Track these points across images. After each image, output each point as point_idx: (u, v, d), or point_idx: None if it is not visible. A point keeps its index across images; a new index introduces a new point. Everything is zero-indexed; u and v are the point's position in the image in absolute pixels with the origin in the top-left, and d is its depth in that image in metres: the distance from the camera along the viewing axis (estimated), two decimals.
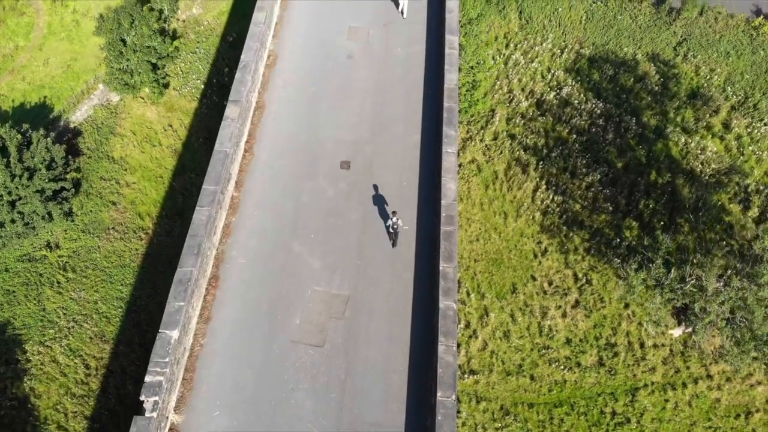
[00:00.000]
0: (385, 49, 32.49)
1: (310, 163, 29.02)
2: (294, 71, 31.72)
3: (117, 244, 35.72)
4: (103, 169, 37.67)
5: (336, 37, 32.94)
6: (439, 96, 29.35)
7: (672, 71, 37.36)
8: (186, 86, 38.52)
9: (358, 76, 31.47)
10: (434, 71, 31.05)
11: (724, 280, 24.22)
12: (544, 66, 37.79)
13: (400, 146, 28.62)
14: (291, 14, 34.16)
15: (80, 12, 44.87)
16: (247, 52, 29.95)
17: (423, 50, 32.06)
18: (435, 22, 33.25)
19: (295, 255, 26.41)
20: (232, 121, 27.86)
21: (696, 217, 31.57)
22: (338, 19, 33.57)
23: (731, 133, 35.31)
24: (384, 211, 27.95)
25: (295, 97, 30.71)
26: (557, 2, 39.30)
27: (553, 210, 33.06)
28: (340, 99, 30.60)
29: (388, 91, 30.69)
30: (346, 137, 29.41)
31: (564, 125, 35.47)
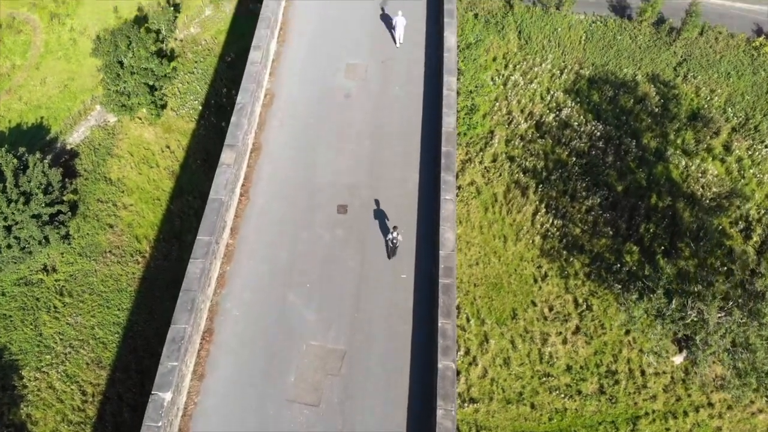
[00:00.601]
0: (383, 87, 31.80)
1: (306, 207, 28.26)
2: (291, 111, 31.15)
3: (114, 267, 35.76)
4: (100, 191, 37.75)
5: (334, 74, 32.33)
6: (437, 139, 28.79)
7: (672, 92, 37.41)
8: (184, 107, 38.59)
9: (355, 116, 30.88)
10: (432, 112, 30.39)
11: (726, 311, 24.23)
12: (543, 87, 37.85)
13: (397, 191, 27.89)
14: (288, 51, 33.45)
15: (77, 30, 44.99)
16: (243, 93, 29.47)
17: (421, 90, 31.42)
18: (433, 59, 32.43)
19: (290, 306, 25.64)
20: (228, 167, 27.15)
21: (697, 243, 31.56)
22: (336, 56, 33.01)
23: (732, 155, 35.33)
24: (385, 226, 27.81)
25: (292, 138, 30.21)
26: (556, 22, 39.39)
27: (552, 234, 33.09)
28: (337, 140, 30.07)
29: (386, 133, 30.16)
30: (343, 180, 28.79)
31: (564, 147, 35.52)
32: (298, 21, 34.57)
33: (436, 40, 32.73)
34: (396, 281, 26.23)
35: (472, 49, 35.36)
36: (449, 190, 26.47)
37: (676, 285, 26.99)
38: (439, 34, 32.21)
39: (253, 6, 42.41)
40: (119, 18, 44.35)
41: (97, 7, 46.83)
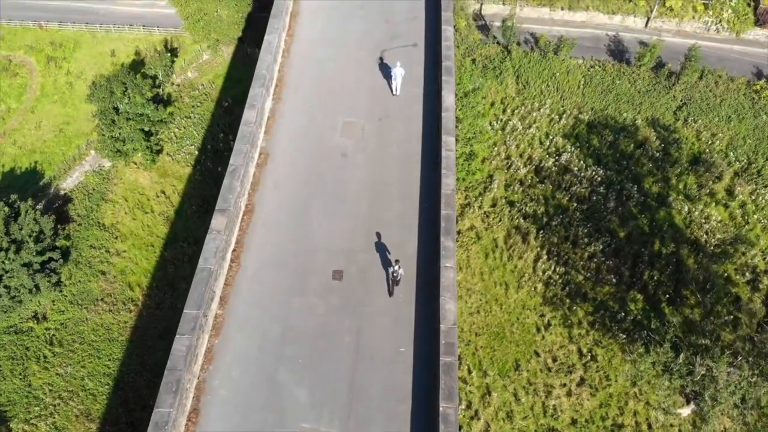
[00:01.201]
0: (380, 146, 30.60)
1: (300, 273, 26.56)
2: (286, 171, 29.95)
3: (105, 316, 35.27)
4: (93, 237, 37.46)
5: (330, 133, 31.09)
6: (436, 201, 27.64)
7: (672, 136, 37.51)
8: (180, 152, 38.58)
9: (352, 176, 29.66)
10: (431, 173, 29.23)
11: (735, 365, 23.79)
12: (542, 131, 37.95)
13: (396, 256, 26.14)
14: (284, 108, 32.27)
15: (74, 74, 45.30)
16: (236, 155, 28.28)
17: (419, 148, 30.23)
18: (432, 117, 31.20)
19: (280, 385, 23.92)
20: (218, 233, 25.70)
21: (702, 293, 31.20)
22: (332, 114, 31.80)
23: (735, 200, 35.26)
24: (386, 260, 26.95)
25: (286, 200, 28.94)
26: (554, 67, 39.68)
27: (555, 281, 32.73)
28: (333, 202, 28.76)
29: (384, 194, 28.87)
30: (339, 245, 27.37)
31: (564, 193, 35.41)
32: (294, 76, 33.60)
33: (434, 96, 31.77)
34: (394, 355, 24.57)
35: (470, 97, 35.52)
36: (449, 257, 25.07)
37: (684, 338, 26.58)
38: (437, 92, 31.43)
39: (251, 51, 42.86)
40: (115, 64, 44.88)
41: (94, 51, 47.30)
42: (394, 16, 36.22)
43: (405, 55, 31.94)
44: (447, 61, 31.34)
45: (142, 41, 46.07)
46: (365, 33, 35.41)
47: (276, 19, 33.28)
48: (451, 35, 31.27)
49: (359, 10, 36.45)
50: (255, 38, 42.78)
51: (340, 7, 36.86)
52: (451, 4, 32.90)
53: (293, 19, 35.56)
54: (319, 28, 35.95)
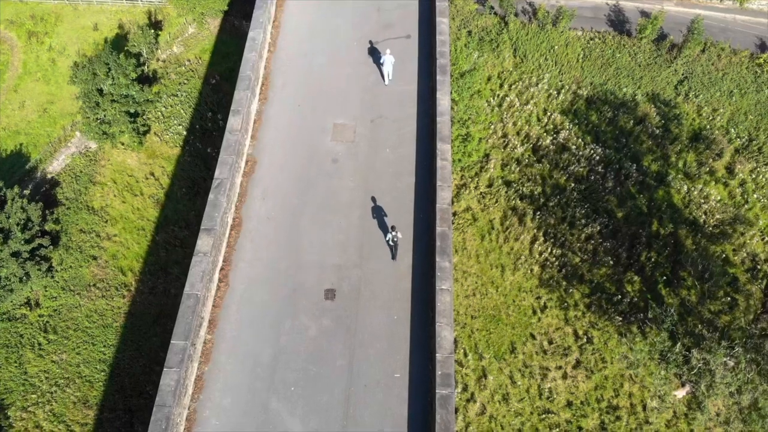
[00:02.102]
0: (373, 150, 29.96)
1: (290, 292, 26.29)
2: (274, 180, 29.29)
3: (98, 302, 35.56)
4: (83, 221, 37.50)
5: (320, 137, 30.40)
6: (431, 214, 27.02)
7: (673, 112, 37.36)
8: (168, 132, 38.33)
9: (344, 184, 29.05)
10: (425, 182, 28.56)
11: (733, 356, 24.16)
12: (539, 108, 37.76)
13: (390, 273, 26.01)
14: (271, 109, 31.31)
15: (56, 50, 44.60)
16: (221, 167, 27.40)
17: (413, 152, 29.54)
18: (426, 118, 30.48)
19: (273, 415, 23.77)
20: (204, 255, 24.87)
21: (699, 275, 31.47)
22: (322, 116, 30.99)
23: (735, 178, 35.43)
24: (384, 224, 27.53)
25: (275, 211, 28.30)
26: (553, 39, 39.28)
27: (551, 263, 33.04)
28: (324, 212, 28.25)
29: (377, 203, 28.34)
30: (330, 260, 26.90)
31: (562, 172, 35.47)
32: (282, 73, 32.73)
33: (429, 95, 30.96)
34: (389, 380, 24.77)
35: (466, 78, 35.11)
36: (446, 279, 24.64)
37: (681, 323, 26.92)
38: (432, 90, 30.60)
39: (238, 23, 42.14)
40: (98, 39, 44.02)
41: (76, 24, 46.49)
42: (386, 4, 35.11)
43: (398, 48, 30.96)
44: (442, 59, 30.23)
45: (125, 13, 45.20)
46: (356, 22, 34.37)
47: (260, 10, 32.14)
48: (446, 28, 30.48)
49: (349, 1, 35.45)
50: (242, 10, 42.12)
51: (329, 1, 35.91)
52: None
53: (279, 8, 34.34)
54: (307, 17, 34.82)
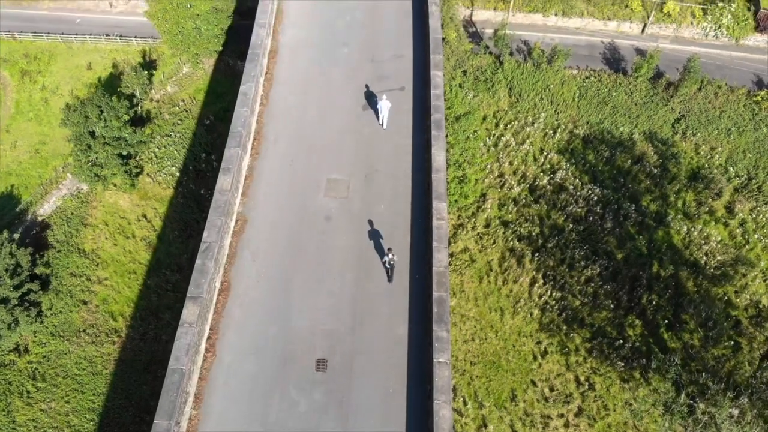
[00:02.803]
0: (367, 206, 28.76)
1: (280, 363, 24.91)
2: (265, 239, 27.99)
3: (88, 348, 34.90)
4: (74, 264, 36.98)
5: (313, 193, 29.18)
6: (428, 280, 25.63)
7: (671, 150, 37.28)
8: (161, 173, 38.01)
9: (337, 243, 27.71)
10: (421, 242, 27.27)
11: (738, 406, 23.65)
12: (536, 147, 37.62)
13: (384, 340, 24.81)
14: (263, 164, 30.16)
15: (49, 89, 44.49)
16: (210, 230, 26.12)
17: (409, 209, 28.36)
18: (421, 173, 29.39)
19: None
20: (190, 326, 23.63)
21: (703, 325, 31.03)
22: (315, 171, 29.87)
23: (735, 218, 35.20)
24: (380, 246, 27.11)
25: (265, 274, 26.97)
26: (548, 78, 39.32)
27: (551, 306, 32.59)
28: (316, 274, 26.84)
29: (372, 264, 26.94)
30: (322, 326, 25.58)
31: (559, 212, 35.20)
32: (274, 127, 31.58)
33: (424, 150, 29.92)
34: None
35: (462, 121, 34.97)
36: (443, 350, 23.39)
37: (683, 367, 26.43)
38: (427, 143, 29.64)
39: (233, 62, 42.13)
40: (92, 78, 43.94)
41: (70, 63, 46.48)
42: (380, 54, 34.37)
43: (393, 100, 30.15)
44: (436, 114, 29.62)
45: (119, 52, 45.26)
46: (349, 73, 33.57)
47: (252, 64, 31.34)
48: (440, 82, 29.97)
49: (343, 48, 34.66)
50: (236, 50, 42.12)
51: (323, 44, 35.06)
52: (440, 46, 31.62)
53: (271, 60, 33.73)
54: (300, 69, 33.99)
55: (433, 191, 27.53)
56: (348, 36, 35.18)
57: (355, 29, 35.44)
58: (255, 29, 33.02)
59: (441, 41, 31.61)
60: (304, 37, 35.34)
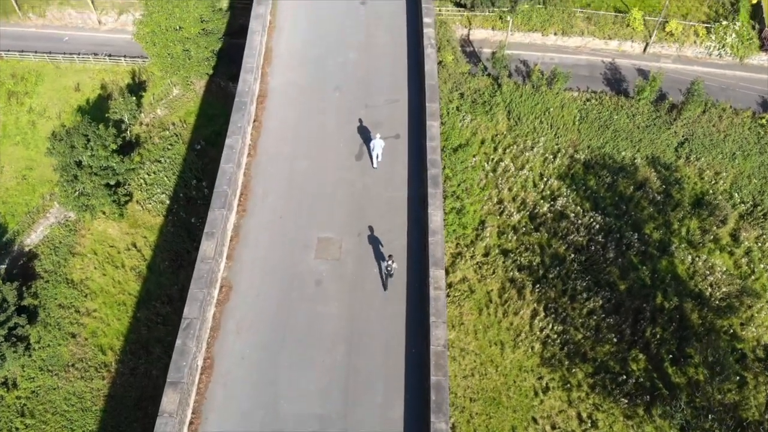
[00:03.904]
0: (360, 269, 26.80)
1: None
2: (251, 309, 26.06)
3: (77, 383, 34.22)
4: (62, 295, 36.30)
5: (302, 253, 27.23)
6: (425, 358, 23.97)
7: (674, 176, 36.68)
8: (150, 200, 37.30)
9: (327, 311, 25.85)
10: (417, 315, 25.30)
11: None
12: (535, 173, 36.98)
13: (378, 426, 23.16)
14: (250, 223, 28.32)
15: (37, 111, 43.71)
16: (191, 305, 24.27)
17: (404, 272, 26.32)
18: (417, 232, 27.32)
19: None
20: (170, 416, 22.05)
21: (705, 353, 30.43)
22: (305, 228, 27.97)
23: (740, 246, 34.65)
24: (380, 253, 26.39)
25: (250, 349, 25.05)
26: (548, 101, 38.66)
27: (553, 340, 31.98)
28: (305, 347, 25.00)
29: (364, 336, 25.15)
30: (311, 409, 23.72)
31: (560, 241, 34.58)
32: (262, 181, 29.61)
33: (420, 204, 27.92)
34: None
35: (459, 153, 34.28)
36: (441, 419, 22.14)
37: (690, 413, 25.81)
38: (423, 197, 27.76)
39: (225, 83, 41.38)
40: (80, 100, 43.20)
41: (57, 84, 45.67)
42: (374, 99, 32.33)
43: (387, 148, 28.70)
44: (433, 168, 27.82)
45: (108, 73, 44.49)
46: (342, 120, 31.62)
47: (239, 113, 29.82)
48: (436, 133, 28.42)
49: (335, 91, 32.66)
50: (227, 72, 41.36)
51: (314, 87, 33.02)
52: (436, 93, 30.22)
53: (260, 105, 31.95)
54: (290, 115, 32.02)
55: (430, 256, 25.70)
56: (340, 78, 33.32)
57: (347, 71, 33.68)
58: (242, 75, 31.39)
59: (437, 88, 30.25)
60: (295, 79, 33.48)
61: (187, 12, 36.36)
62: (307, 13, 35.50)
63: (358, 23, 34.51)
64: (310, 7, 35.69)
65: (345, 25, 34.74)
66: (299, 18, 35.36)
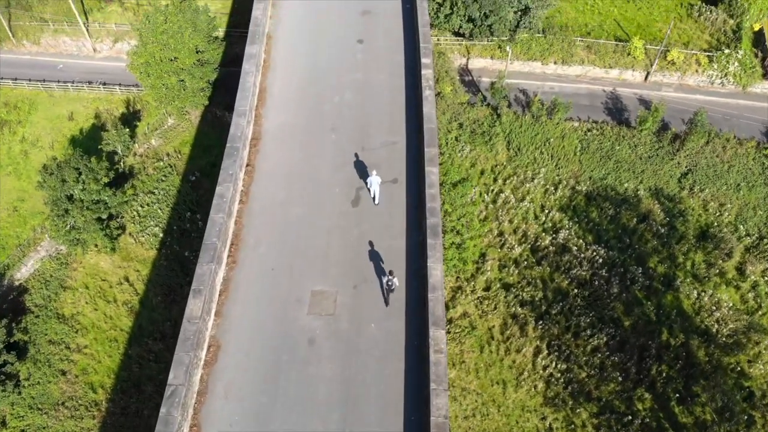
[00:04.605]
0: (355, 325, 25.12)
1: None
2: (240, 371, 24.42)
3: (67, 423, 33.38)
4: (52, 331, 35.58)
5: (295, 309, 25.57)
6: (425, 428, 22.36)
7: (678, 207, 36.13)
8: (143, 233, 36.64)
9: (321, 373, 24.15)
10: (416, 380, 23.72)
11: None
12: (536, 204, 36.42)
13: None
14: (240, 276, 26.68)
15: (29, 141, 43.26)
16: (176, 368, 22.75)
17: (402, 328, 24.73)
18: (416, 285, 25.67)
19: None
20: None
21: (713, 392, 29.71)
22: (298, 281, 26.32)
23: (747, 280, 34.00)
24: (381, 270, 25.60)
25: (239, 416, 23.36)
26: (548, 131, 38.25)
27: (556, 379, 31.19)
28: (297, 415, 23.33)
29: (360, 401, 23.57)
30: None
31: (563, 276, 33.89)
32: (254, 229, 28.12)
33: (419, 255, 26.32)
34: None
35: (458, 188, 33.74)
36: None
37: None
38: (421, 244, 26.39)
39: (221, 113, 40.91)
40: (74, 129, 42.76)
41: (51, 113, 45.27)
42: (371, 141, 30.94)
43: (385, 194, 27.75)
44: (432, 218, 26.21)
45: (102, 101, 44.14)
46: (338, 164, 30.23)
47: (231, 159, 28.46)
48: (435, 180, 27.09)
49: (331, 133, 31.26)
50: (224, 101, 40.88)
51: (309, 129, 31.61)
52: (435, 138, 28.92)
53: (253, 148, 30.81)
54: (284, 158, 30.72)
55: (430, 314, 23.98)
56: (336, 120, 31.99)
57: (344, 112, 32.34)
58: (234, 118, 30.15)
59: (436, 132, 29.12)
60: (290, 121, 32.16)
61: (182, 43, 35.87)
62: (303, 51, 34.51)
63: (355, 61, 33.59)
64: (306, 45, 34.78)
65: (341, 63, 33.69)
66: (294, 56, 34.35)
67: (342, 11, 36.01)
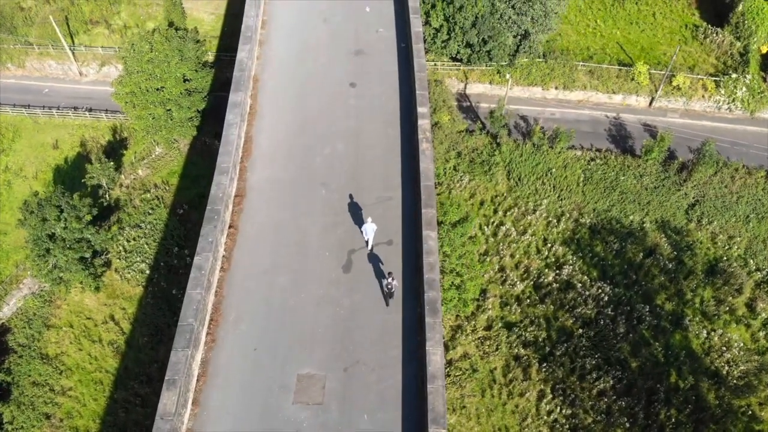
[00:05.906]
0: (346, 416, 22.79)
1: None
2: None
3: None
4: (36, 372, 34.51)
5: (279, 398, 23.20)
6: None
7: (685, 241, 35.19)
8: (129, 269, 35.56)
9: None
10: None
11: None
12: (539, 237, 35.47)
13: None
14: (219, 359, 24.28)
15: (13, 170, 42.21)
16: None
17: (398, 419, 22.56)
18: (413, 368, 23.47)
19: None
20: None
21: None
22: (283, 364, 24.09)
23: (757, 318, 33.04)
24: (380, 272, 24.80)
25: None
26: (550, 161, 37.35)
27: (561, 425, 30.15)
28: None
29: None
30: None
31: (567, 314, 32.85)
32: (236, 303, 25.76)
33: (417, 329, 24.50)
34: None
35: (458, 228, 32.74)
36: None
37: None
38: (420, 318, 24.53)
39: (210, 141, 39.85)
40: (58, 158, 41.68)
41: (35, 141, 44.19)
42: (365, 196, 28.77)
43: (380, 256, 25.81)
44: (431, 291, 24.07)
45: (88, 128, 43.09)
46: (328, 223, 27.99)
47: (210, 225, 26.16)
48: (434, 246, 25.15)
49: (321, 189, 29.03)
50: (213, 129, 39.75)
51: (298, 184, 29.34)
52: (433, 197, 27.21)
53: (237, 206, 28.77)
54: (270, 219, 28.46)
55: (429, 410, 21.58)
56: (327, 173, 29.84)
57: (335, 165, 30.17)
58: (215, 176, 27.94)
59: (434, 189, 27.58)
60: (277, 175, 29.98)
61: (169, 72, 34.87)
62: (293, 95, 32.45)
63: (347, 108, 31.61)
64: (296, 88, 32.71)
65: (333, 110, 31.60)
66: (284, 101, 32.24)
67: (334, 51, 34.11)
